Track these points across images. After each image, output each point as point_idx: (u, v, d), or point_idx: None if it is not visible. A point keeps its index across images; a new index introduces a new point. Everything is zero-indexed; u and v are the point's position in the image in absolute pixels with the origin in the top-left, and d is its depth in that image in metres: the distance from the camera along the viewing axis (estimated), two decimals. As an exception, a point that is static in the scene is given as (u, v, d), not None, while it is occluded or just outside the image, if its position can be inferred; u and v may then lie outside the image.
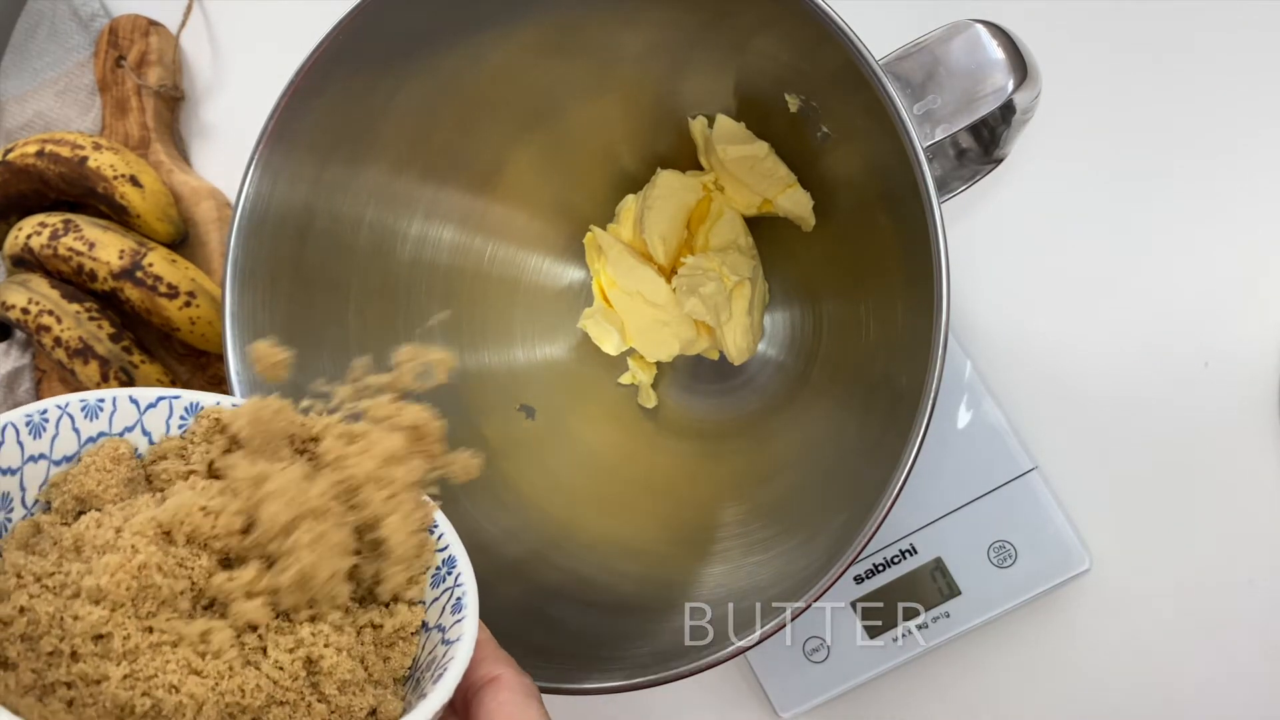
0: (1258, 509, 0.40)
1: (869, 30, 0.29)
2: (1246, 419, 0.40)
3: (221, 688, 0.22)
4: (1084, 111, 0.42)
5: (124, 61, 0.48)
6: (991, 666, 0.41)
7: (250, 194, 0.34)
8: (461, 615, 0.26)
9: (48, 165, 0.45)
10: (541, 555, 0.38)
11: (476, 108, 0.38)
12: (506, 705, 0.25)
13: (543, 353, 0.44)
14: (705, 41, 0.37)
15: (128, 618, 0.22)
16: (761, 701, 0.41)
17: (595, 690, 0.30)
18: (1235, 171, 0.41)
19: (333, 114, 0.35)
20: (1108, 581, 0.40)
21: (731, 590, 0.35)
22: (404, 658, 0.26)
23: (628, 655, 0.32)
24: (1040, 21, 0.38)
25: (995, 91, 0.30)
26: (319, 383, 0.29)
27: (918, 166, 0.28)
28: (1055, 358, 0.42)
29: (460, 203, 0.41)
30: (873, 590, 0.40)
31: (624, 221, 0.41)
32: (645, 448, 0.43)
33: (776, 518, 0.38)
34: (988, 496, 0.40)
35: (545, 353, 0.44)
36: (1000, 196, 0.42)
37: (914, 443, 0.28)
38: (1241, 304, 0.41)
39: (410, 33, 0.35)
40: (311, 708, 0.23)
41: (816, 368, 0.41)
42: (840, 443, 0.39)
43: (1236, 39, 0.41)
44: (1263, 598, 0.40)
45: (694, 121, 0.40)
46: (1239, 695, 0.40)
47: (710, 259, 0.40)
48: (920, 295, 0.29)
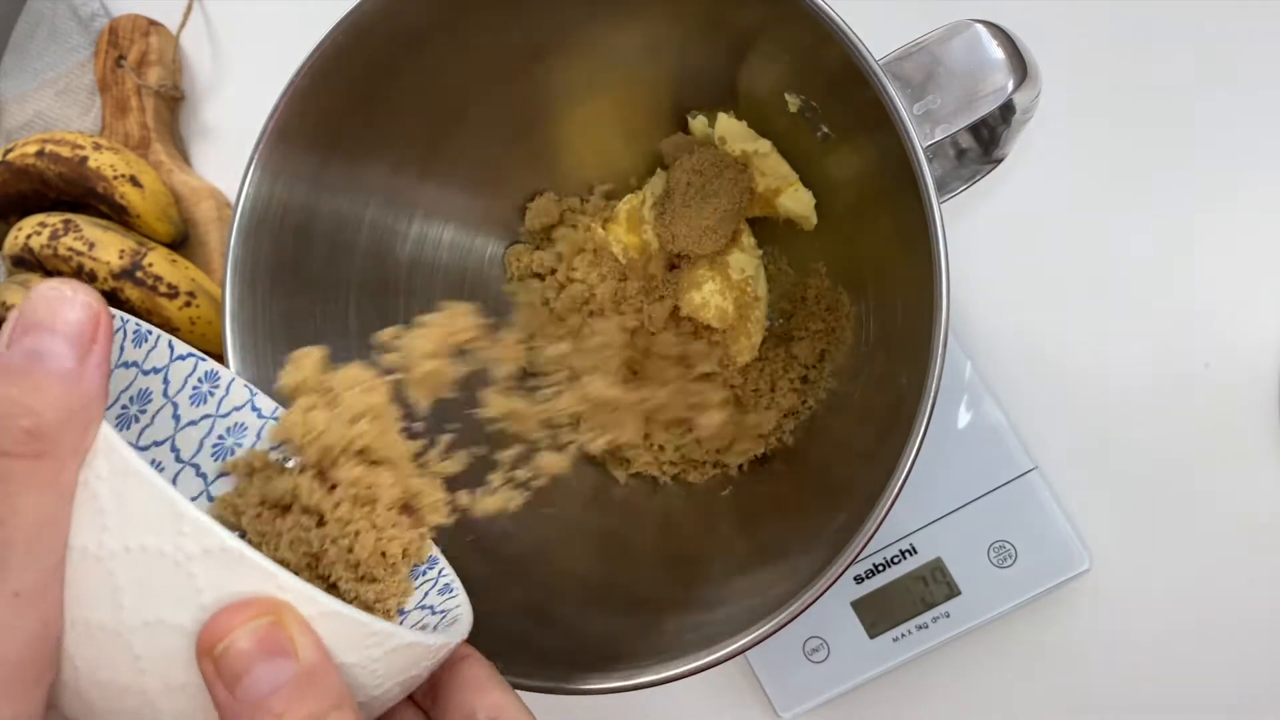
0: (1258, 509, 0.40)
1: (869, 30, 0.29)
2: (1246, 419, 0.40)
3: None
4: (1084, 111, 0.42)
5: (124, 61, 0.48)
6: (991, 666, 0.41)
7: (250, 194, 0.34)
8: (453, 594, 0.28)
9: (48, 165, 0.45)
10: (541, 555, 0.38)
11: (476, 107, 0.38)
12: (480, 676, 0.26)
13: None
14: (705, 41, 0.37)
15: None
16: (761, 701, 0.41)
17: (595, 690, 0.30)
18: (1237, 171, 0.41)
19: (333, 114, 0.35)
20: (1108, 581, 0.40)
21: (732, 590, 0.35)
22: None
23: (628, 655, 0.32)
24: (1040, 21, 0.38)
25: (995, 91, 0.30)
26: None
27: (918, 166, 0.28)
28: (1055, 358, 0.42)
29: (460, 202, 0.41)
30: (873, 590, 0.40)
31: (623, 221, 0.41)
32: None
33: (776, 518, 0.38)
34: (988, 496, 0.40)
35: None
36: (1000, 196, 0.42)
37: (914, 443, 0.28)
38: (1241, 304, 0.41)
39: (409, 33, 0.35)
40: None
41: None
42: (840, 443, 0.39)
43: (1237, 38, 0.41)
44: (1263, 598, 0.40)
45: (694, 120, 0.40)
46: (1239, 695, 0.40)
47: (715, 258, 0.40)
48: (920, 295, 0.29)
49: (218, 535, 0.20)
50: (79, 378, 0.20)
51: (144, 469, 0.20)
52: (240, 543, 0.20)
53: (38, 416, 0.19)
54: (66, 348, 0.20)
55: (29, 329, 0.20)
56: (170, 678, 0.20)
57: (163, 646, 0.20)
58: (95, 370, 0.20)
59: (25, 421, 0.19)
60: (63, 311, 0.20)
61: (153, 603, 0.20)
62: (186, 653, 0.20)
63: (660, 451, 0.41)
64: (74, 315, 0.20)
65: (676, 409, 0.38)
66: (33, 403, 0.19)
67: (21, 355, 0.20)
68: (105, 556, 0.19)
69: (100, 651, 0.20)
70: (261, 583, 0.20)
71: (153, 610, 0.20)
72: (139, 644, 0.20)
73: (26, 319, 0.20)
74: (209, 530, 0.20)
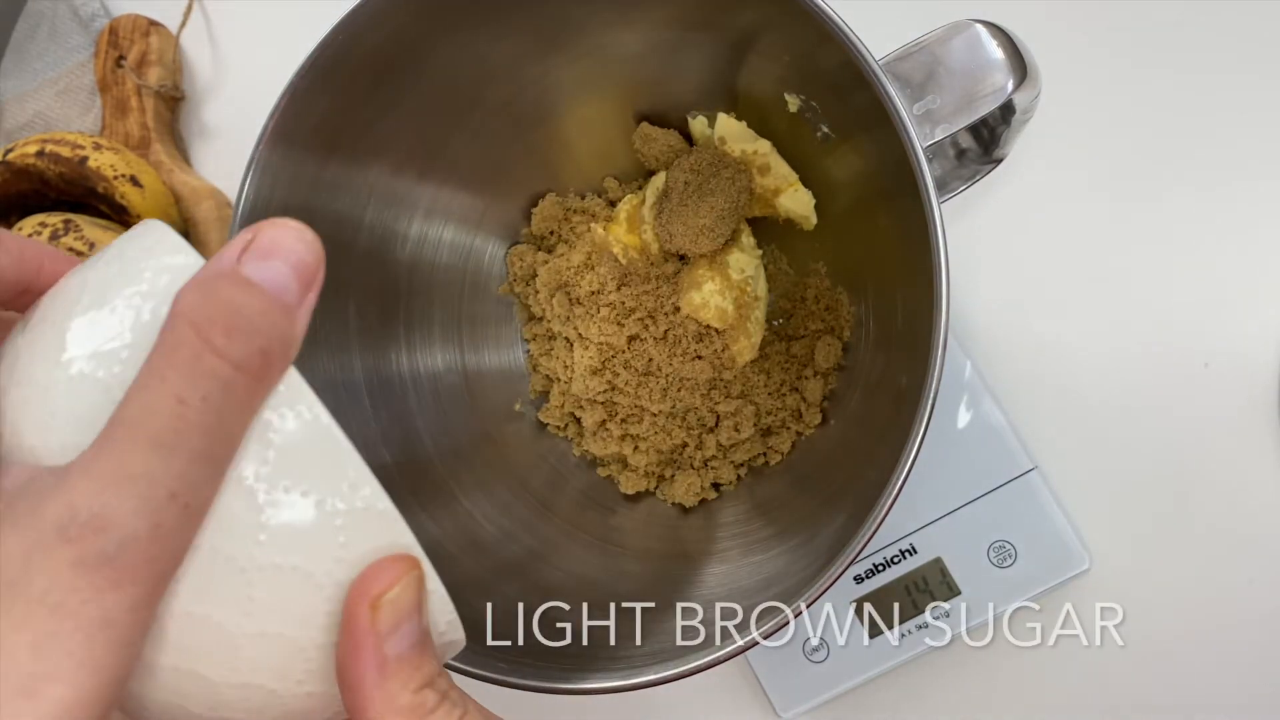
0: (1258, 509, 0.40)
1: (869, 30, 0.29)
2: (1246, 419, 0.40)
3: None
4: (1084, 111, 0.42)
5: (124, 61, 0.48)
6: (991, 666, 0.41)
7: (250, 194, 0.34)
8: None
9: (48, 165, 0.45)
10: (541, 555, 0.38)
11: (476, 107, 0.39)
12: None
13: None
14: (705, 41, 0.37)
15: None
16: (761, 701, 0.41)
17: (595, 690, 0.30)
18: (1236, 171, 0.41)
19: (333, 114, 0.35)
20: (1108, 581, 0.40)
21: (731, 590, 0.35)
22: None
23: (628, 655, 0.32)
24: (1040, 21, 0.38)
25: (995, 91, 0.30)
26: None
27: (918, 166, 0.28)
28: (1055, 358, 0.42)
29: (460, 203, 0.41)
30: (873, 590, 0.40)
31: (623, 221, 0.41)
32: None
33: (776, 518, 0.38)
34: (988, 496, 0.40)
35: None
36: (1000, 196, 0.42)
37: (914, 443, 0.28)
38: (1241, 304, 0.41)
39: (410, 33, 0.35)
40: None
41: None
42: (840, 443, 0.39)
43: (1237, 39, 0.41)
44: (1263, 598, 0.40)
45: (694, 120, 0.40)
46: (1239, 695, 0.40)
47: (715, 258, 0.40)
48: (920, 295, 0.29)
49: (379, 495, 0.20)
50: (296, 317, 0.20)
51: (325, 415, 0.20)
52: (393, 506, 0.21)
53: (268, 340, 0.20)
54: (296, 284, 0.20)
55: (269, 253, 0.20)
56: (267, 624, 0.20)
57: (283, 589, 0.20)
58: (306, 314, 0.21)
59: (260, 340, 0.19)
60: (299, 249, 0.20)
61: (290, 547, 0.20)
62: (304, 599, 0.20)
63: (661, 453, 0.41)
64: (310, 256, 0.20)
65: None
66: (266, 325, 0.20)
67: (261, 274, 0.20)
68: (260, 491, 0.20)
69: (213, 581, 0.20)
70: (408, 545, 0.21)
71: (286, 555, 0.20)
72: (260, 584, 0.20)
73: (267, 244, 0.20)
74: (373, 489, 0.20)
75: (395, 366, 0.39)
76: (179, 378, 0.19)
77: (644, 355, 0.39)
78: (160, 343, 0.19)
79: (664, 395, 0.40)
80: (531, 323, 0.43)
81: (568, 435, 0.42)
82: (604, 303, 0.40)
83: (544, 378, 0.43)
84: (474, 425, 0.41)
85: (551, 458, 0.42)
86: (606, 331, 0.39)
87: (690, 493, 0.40)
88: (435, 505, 0.38)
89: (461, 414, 0.41)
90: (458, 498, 0.39)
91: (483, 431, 0.41)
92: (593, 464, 0.42)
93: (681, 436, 0.40)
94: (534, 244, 0.43)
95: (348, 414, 0.37)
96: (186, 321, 0.19)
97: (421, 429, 0.39)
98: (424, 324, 0.41)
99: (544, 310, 0.42)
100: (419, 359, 0.40)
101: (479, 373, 0.42)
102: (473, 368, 0.42)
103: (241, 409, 0.19)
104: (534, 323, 0.43)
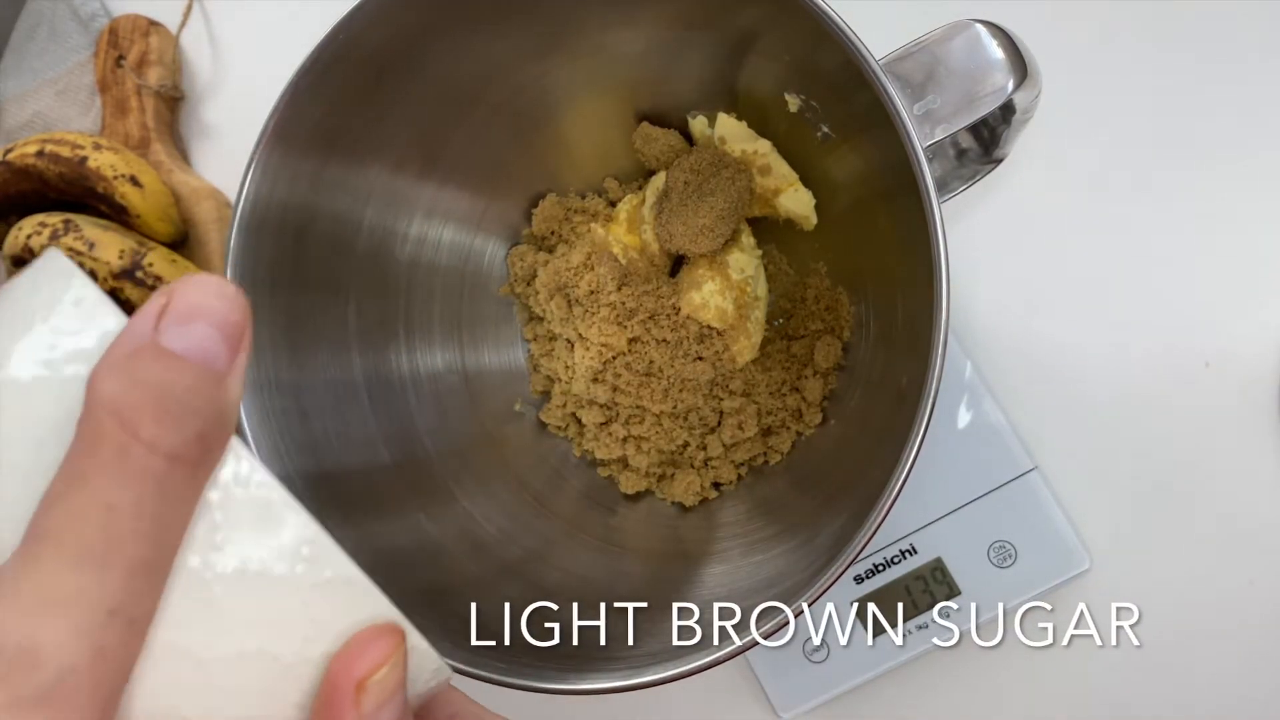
0: (1258, 509, 0.40)
1: (869, 30, 0.29)
2: (1246, 419, 0.40)
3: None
4: (1084, 111, 0.42)
5: (124, 61, 0.48)
6: (991, 666, 0.41)
7: (250, 194, 0.34)
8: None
9: (48, 165, 0.45)
10: (541, 555, 0.38)
11: (475, 107, 0.38)
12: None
13: (543, 353, 0.44)
14: (704, 40, 0.37)
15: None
16: (761, 701, 0.41)
17: (595, 690, 0.30)
18: (1236, 171, 0.41)
19: (333, 114, 0.35)
20: (1108, 581, 0.40)
21: (731, 590, 0.35)
22: None
23: (628, 655, 0.32)
24: (1040, 21, 0.38)
25: (995, 91, 0.30)
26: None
27: (918, 166, 0.28)
28: (1055, 357, 0.42)
29: (460, 203, 0.41)
30: (873, 590, 0.40)
31: (623, 221, 0.41)
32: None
33: (776, 518, 0.38)
34: (988, 496, 0.40)
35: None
36: (1000, 196, 0.42)
37: (914, 443, 0.28)
38: (1241, 304, 0.41)
39: (409, 33, 0.35)
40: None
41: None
42: (841, 442, 0.39)
43: (1237, 38, 0.41)
44: (1263, 598, 0.40)
45: (694, 120, 0.40)
46: (1239, 696, 0.40)
47: (715, 258, 0.40)
48: (920, 295, 0.29)
49: (344, 563, 0.18)
50: (229, 385, 0.18)
51: (278, 489, 0.18)
52: (363, 575, 0.19)
53: (203, 420, 0.17)
54: (224, 348, 0.18)
55: (189, 316, 0.17)
56: (234, 712, 0.18)
57: (249, 675, 0.18)
58: (239, 379, 0.18)
59: (195, 423, 0.17)
60: (221, 307, 0.18)
61: (253, 632, 0.18)
62: (273, 683, 0.18)
63: (662, 453, 0.41)
64: (235, 314, 0.18)
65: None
66: (198, 403, 0.17)
67: (184, 343, 0.17)
68: (213, 581, 0.18)
69: (172, 677, 0.18)
70: (384, 612, 0.19)
71: (248, 641, 0.18)
72: (222, 674, 0.18)
73: (184, 307, 0.17)
74: (338, 558, 0.18)
75: (395, 366, 0.39)
76: (106, 480, 0.16)
77: (645, 357, 0.39)
78: (79, 437, 0.17)
79: (665, 396, 0.40)
80: (533, 323, 0.43)
81: (568, 435, 0.42)
82: (604, 303, 0.40)
83: (545, 378, 0.43)
84: (474, 425, 0.41)
85: (552, 458, 0.42)
86: (607, 333, 0.39)
87: (690, 492, 0.40)
88: (435, 505, 0.38)
89: (461, 414, 0.41)
90: (457, 498, 0.39)
91: (483, 431, 0.41)
92: (593, 464, 0.42)
93: (684, 436, 0.40)
94: (534, 244, 0.43)
95: (348, 414, 0.37)
96: (107, 412, 0.16)
97: (421, 429, 0.39)
98: (424, 324, 0.41)
99: (544, 311, 0.42)
100: (419, 359, 0.40)
101: (479, 373, 0.42)
102: (473, 368, 0.42)
103: (181, 503, 0.17)
104: (535, 323, 0.43)
